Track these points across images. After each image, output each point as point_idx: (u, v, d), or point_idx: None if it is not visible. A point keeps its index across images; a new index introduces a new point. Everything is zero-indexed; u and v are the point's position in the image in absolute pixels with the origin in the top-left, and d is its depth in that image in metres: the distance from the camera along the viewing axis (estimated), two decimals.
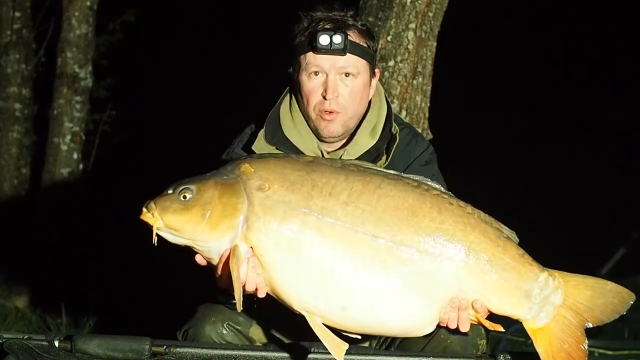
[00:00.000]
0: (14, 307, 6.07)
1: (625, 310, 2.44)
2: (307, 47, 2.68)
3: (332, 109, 2.70)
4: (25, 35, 7.03)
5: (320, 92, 2.69)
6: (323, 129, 2.73)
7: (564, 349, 2.40)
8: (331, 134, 2.75)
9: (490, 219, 2.44)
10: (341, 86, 2.70)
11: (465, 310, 2.38)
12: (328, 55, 2.67)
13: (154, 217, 2.34)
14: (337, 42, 2.64)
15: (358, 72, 2.71)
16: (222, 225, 2.33)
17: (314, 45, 2.65)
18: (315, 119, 2.73)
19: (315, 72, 2.69)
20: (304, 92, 2.72)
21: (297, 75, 2.74)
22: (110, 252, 6.77)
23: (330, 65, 2.68)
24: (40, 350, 2.39)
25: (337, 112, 2.71)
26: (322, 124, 2.72)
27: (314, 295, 2.32)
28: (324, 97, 2.69)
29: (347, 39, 2.66)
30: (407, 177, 2.44)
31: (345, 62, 2.69)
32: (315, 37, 2.65)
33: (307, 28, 2.71)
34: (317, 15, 2.73)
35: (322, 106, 2.70)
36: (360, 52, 2.71)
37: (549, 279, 2.41)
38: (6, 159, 6.94)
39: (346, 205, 2.34)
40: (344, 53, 2.66)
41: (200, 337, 2.61)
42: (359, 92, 2.73)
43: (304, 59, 2.70)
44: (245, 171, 2.38)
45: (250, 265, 2.33)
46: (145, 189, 2.56)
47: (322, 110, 2.70)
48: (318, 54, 2.67)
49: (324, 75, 2.69)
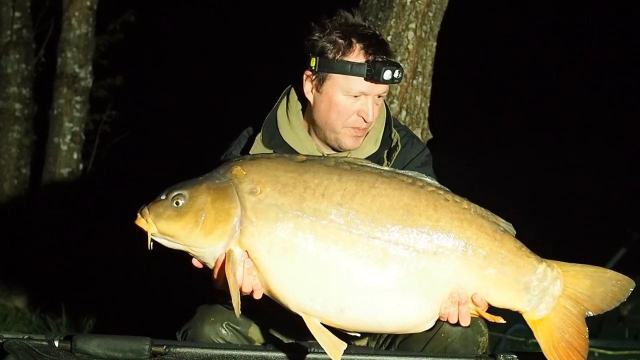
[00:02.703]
0: (14, 307, 6.07)
1: (625, 298, 2.43)
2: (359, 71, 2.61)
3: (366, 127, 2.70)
4: (25, 35, 7.03)
5: (357, 112, 2.66)
6: (349, 144, 2.71)
7: (565, 339, 2.40)
8: (355, 147, 2.74)
9: (487, 212, 2.44)
10: (375, 106, 2.69)
11: (465, 304, 2.38)
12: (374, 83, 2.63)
13: (148, 223, 2.35)
14: (397, 77, 2.62)
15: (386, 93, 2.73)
16: (216, 231, 2.33)
17: (373, 77, 2.60)
18: (341, 133, 2.70)
19: (356, 95, 2.65)
20: (336, 108, 2.66)
21: (327, 88, 2.66)
22: (110, 252, 6.76)
23: (374, 91, 2.66)
24: (40, 350, 2.40)
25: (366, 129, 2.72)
26: (350, 140, 2.70)
27: (310, 298, 2.32)
28: (362, 118, 2.66)
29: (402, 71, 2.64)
30: (401, 174, 2.43)
31: (386, 87, 2.69)
32: (377, 69, 2.60)
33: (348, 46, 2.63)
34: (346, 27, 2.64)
35: (356, 124, 2.68)
36: None
37: (547, 270, 2.41)
38: (6, 159, 6.94)
39: (340, 206, 2.34)
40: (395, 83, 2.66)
41: (199, 337, 2.62)
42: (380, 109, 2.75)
43: (345, 79, 2.63)
44: (237, 174, 2.37)
45: (245, 268, 2.34)
46: (145, 189, 2.57)
47: (355, 127, 2.68)
48: (371, 82, 2.62)
49: (362, 97, 2.66)
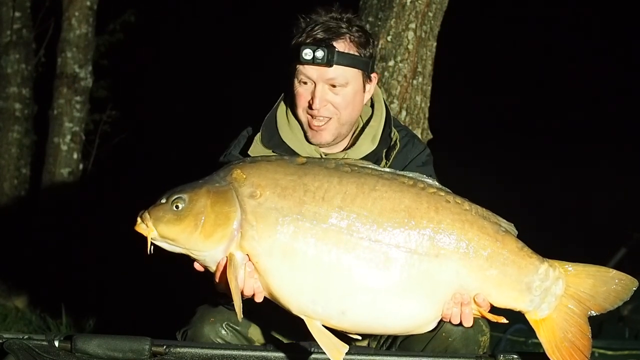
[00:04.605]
0: (14, 307, 6.06)
1: (628, 297, 2.43)
2: (297, 55, 2.68)
3: (322, 115, 2.70)
4: (25, 35, 7.02)
5: (308, 99, 2.70)
6: (312, 137, 2.76)
7: (568, 339, 2.40)
8: (320, 142, 2.76)
9: (488, 213, 2.44)
10: (330, 95, 2.70)
11: (467, 305, 2.38)
12: (315, 67, 2.66)
13: (148, 227, 2.35)
14: (320, 57, 2.64)
15: (346, 82, 2.71)
16: (216, 235, 2.33)
17: (301, 58, 2.65)
18: (304, 124, 2.75)
19: (304, 81, 2.70)
20: (294, 97, 2.74)
21: (290, 79, 2.75)
22: (110, 252, 6.75)
23: (318, 76, 2.68)
24: (40, 350, 2.40)
25: (328, 119, 2.71)
26: (310, 132, 2.75)
27: (312, 301, 2.32)
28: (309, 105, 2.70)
29: (332, 52, 2.64)
30: (402, 176, 2.43)
31: (333, 73, 2.68)
32: (299, 50, 2.65)
33: (300, 34, 2.71)
34: (313, 19, 2.72)
35: (310, 111, 2.71)
36: (350, 61, 2.70)
37: (549, 270, 2.41)
38: (6, 159, 6.93)
39: (340, 209, 2.33)
40: (329, 65, 2.66)
41: (199, 337, 2.61)
42: (350, 100, 2.73)
43: (294, 66, 2.71)
44: (237, 178, 2.37)
45: (247, 271, 2.33)
46: (145, 189, 2.56)
47: (310, 115, 2.71)
48: (306, 64, 2.67)
49: (313, 85, 2.70)
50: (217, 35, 10.54)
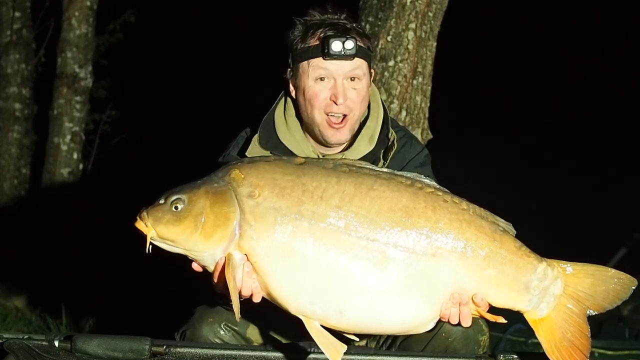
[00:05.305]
0: (14, 307, 6.06)
1: (628, 296, 2.42)
2: (316, 52, 2.66)
3: (343, 112, 2.69)
4: (25, 35, 7.02)
5: (328, 96, 2.68)
6: (331, 137, 2.73)
7: (567, 338, 2.40)
8: (340, 142, 2.75)
9: (486, 212, 2.44)
10: (349, 90, 2.69)
11: (466, 305, 2.38)
12: (336, 61, 2.66)
13: (147, 227, 2.35)
14: (349, 48, 2.64)
15: (364, 74, 2.72)
16: (216, 235, 2.33)
17: (325, 52, 2.63)
18: (321, 124, 2.72)
19: (322, 77, 2.68)
20: (308, 97, 2.70)
21: (299, 80, 2.72)
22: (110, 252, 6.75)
23: (339, 70, 2.67)
24: (40, 350, 2.40)
25: (347, 117, 2.70)
26: (330, 131, 2.72)
27: (310, 301, 2.32)
28: (334, 102, 2.68)
29: (356, 42, 2.65)
30: (400, 175, 2.43)
31: (352, 65, 2.68)
32: (326, 44, 2.63)
33: (309, 34, 2.69)
34: (313, 20, 2.72)
35: (330, 109, 2.69)
36: (364, 54, 2.71)
37: (547, 270, 2.41)
38: (6, 159, 6.93)
39: (338, 209, 2.33)
40: (353, 58, 2.66)
41: (197, 338, 2.61)
42: (365, 94, 2.74)
43: (308, 65, 2.68)
44: (236, 178, 2.37)
45: (245, 271, 2.33)
46: (145, 189, 2.56)
47: (330, 113, 2.69)
48: (328, 59, 2.65)
49: (332, 80, 2.68)
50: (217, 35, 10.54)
